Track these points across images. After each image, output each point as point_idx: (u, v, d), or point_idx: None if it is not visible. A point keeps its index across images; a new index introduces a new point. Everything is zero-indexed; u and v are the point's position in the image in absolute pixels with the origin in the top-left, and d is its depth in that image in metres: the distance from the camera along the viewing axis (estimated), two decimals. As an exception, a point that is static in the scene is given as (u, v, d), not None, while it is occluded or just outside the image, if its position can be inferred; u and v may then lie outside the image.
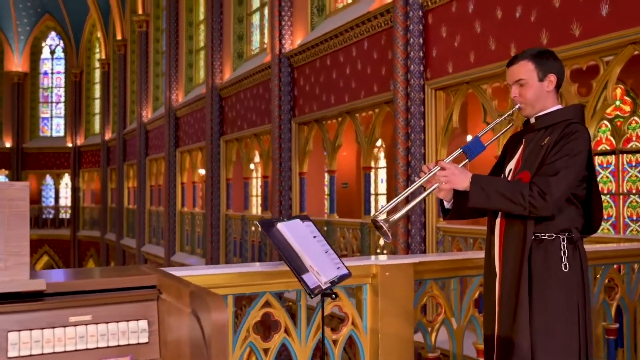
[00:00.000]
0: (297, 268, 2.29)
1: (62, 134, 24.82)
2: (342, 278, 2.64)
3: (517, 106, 2.51)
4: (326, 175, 9.44)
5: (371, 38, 8.00)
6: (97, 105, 23.95)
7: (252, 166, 12.61)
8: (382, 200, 10.95)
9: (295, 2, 9.84)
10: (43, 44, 24.74)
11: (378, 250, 8.03)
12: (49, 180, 24.75)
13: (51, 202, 24.81)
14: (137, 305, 1.55)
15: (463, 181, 2.35)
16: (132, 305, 1.54)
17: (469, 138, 7.28)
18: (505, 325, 2.40)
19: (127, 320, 1.52)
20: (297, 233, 2.44)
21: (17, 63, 24.33)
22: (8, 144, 24.03)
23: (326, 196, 9.74)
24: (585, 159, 2.33)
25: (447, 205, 2.57)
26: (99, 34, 22.66)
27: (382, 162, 11.22)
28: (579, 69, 5.37)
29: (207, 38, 12.99)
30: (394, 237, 7.19)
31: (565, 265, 2.32)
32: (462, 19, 6.54)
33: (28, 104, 24.51)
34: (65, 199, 24.70)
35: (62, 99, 24.93)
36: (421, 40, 6.96)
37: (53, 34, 24.72)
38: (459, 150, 2.47)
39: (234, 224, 12.21)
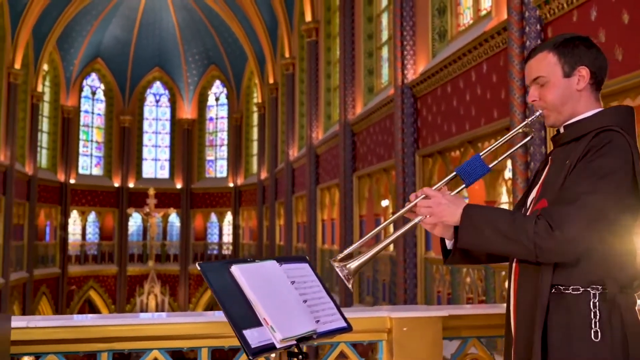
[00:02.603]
0: (240, 321, 1.89)
1: (224, 174, 26.43)
2: (327, 334, 2.17)
3: (537, 113, 1.90)
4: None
5: (489, 60, 7.31)
6: (254, 147, 25.20)
7: (386, 202, 12.19)
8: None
9: (417, 30, 9.43)
10: (209, 92, 26.77)
11: (504, 294, 7.13)
12: (213, 218, 26.37)
13: (215, 239, 26.37)
14: None
15: (452, 213, 1.79)
16: None
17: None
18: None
19: None
20: (257, 278, 2.04)
21: (187, 111, 26.59)
22: (179, 185, 26.12)
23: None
24: (626, 180, 1.65)
25: (448, 245, 2.00)
26: (256, 80, 23.98)
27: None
28: None
29: (339, 74, 13.00)
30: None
31: (595, 332, 1.64)
32: (584, 28, 5.66)
33: (196, 148, 26.55)
34: (228, 236, 26.10)
35: (225, 142, 26.63)
36: (540, 57, 6.13)
37: (218, 82, 26.66)
38: (453, 173, 1.92)
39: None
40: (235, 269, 2.00)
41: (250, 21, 21.41)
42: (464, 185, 1.90)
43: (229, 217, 26.03)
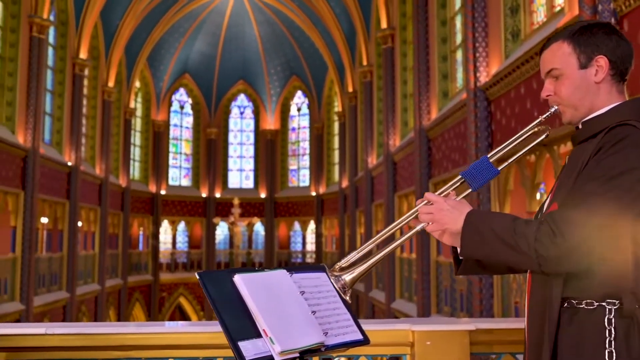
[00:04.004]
0: (237, 332, 1.83)
1: (307, 183, 26.70)
2: (339, 346, 2.08)
3: (552, 109, 1.76)
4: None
5: (563, 58, 6.90)
6: (336, 156, 25.29)
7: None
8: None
9: (490, 31, 9.09)
10: (291, 103, 27.20)
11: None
12: (297, 226, 26.67)
13: (299, 247, 26.65)
14: None
15: (454, 220, 1.66)
16: None
17: None
18: None
19: None
20: (260, 288, 1.98)
21: (270, 122, 27.13)
22: (263, 195, 26.65)
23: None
24: None
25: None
26: (337, 89, 24.09)
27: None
28: None
29: (414, 80, 12.78)
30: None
31: (610, 353, 1.46)
32: (663, 19, 5.23)
33: (279, 158, 27.02)
34: (311, 245, 26.30)
35: (307, 151, 26.91)
36: (615, 52, 5.72)
37: (299, 92, 27.03)
38: (459, 177, 1.79)
39: (444, 271, 11.50)
40: (238, 279, 1.96)
41: (329, 31, 21.56)
42: (470, 190, 1.76)
43: (312, 225, 26.23)
